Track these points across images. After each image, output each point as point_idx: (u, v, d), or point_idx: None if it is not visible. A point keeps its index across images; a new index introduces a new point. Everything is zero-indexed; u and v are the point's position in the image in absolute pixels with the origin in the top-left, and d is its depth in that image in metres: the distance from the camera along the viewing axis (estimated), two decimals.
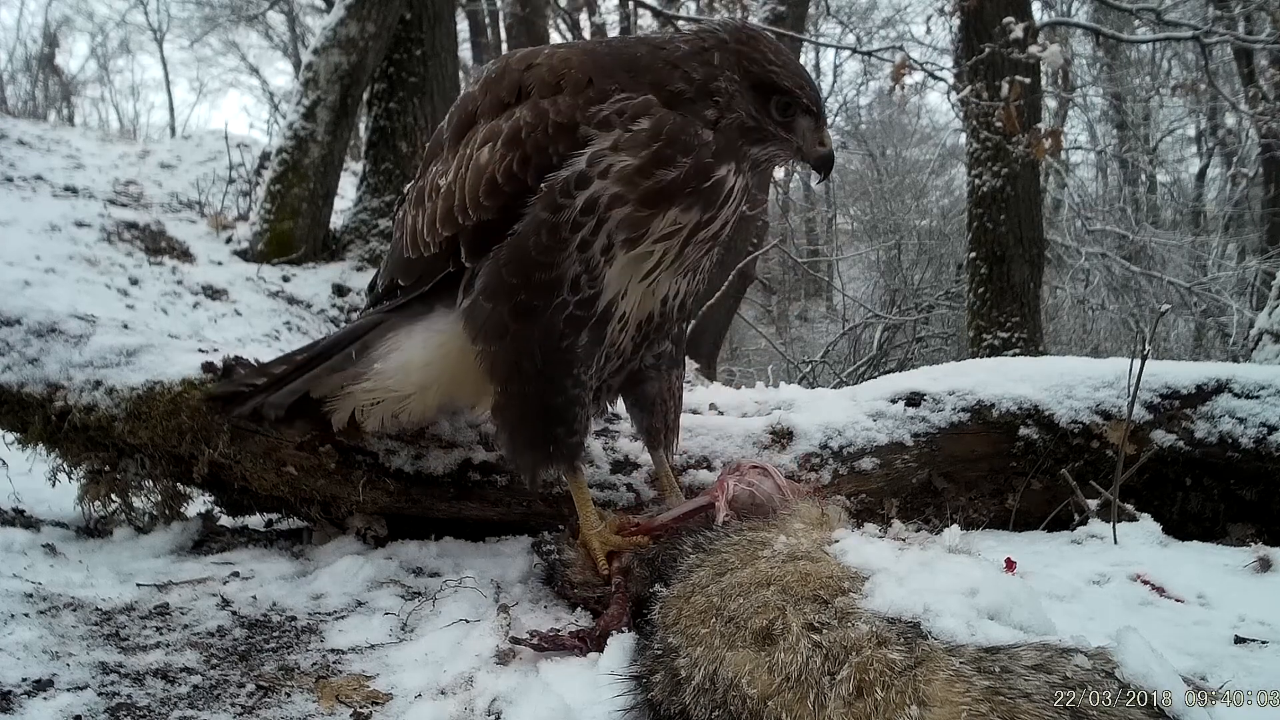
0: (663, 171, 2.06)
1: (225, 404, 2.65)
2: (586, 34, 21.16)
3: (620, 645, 1.90)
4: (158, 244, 9.23)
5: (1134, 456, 2.92)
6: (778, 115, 2.14)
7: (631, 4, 19.57)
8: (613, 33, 22.62)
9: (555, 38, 21.42)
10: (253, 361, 2.77)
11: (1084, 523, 2.86)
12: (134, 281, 8.03)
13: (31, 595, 2.17)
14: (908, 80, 9.63)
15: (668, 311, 2.38)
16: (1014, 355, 9.70)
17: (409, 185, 2.68)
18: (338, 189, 10.31)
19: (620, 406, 2.67)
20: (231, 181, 12.28)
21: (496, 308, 2.19)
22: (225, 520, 3.02)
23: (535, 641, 1.95)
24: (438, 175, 2.35)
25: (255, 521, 3.09)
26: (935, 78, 10.37)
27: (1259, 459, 2.90)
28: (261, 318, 8.39)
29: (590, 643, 1.95)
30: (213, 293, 8.56)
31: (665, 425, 2.56)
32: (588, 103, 2.10)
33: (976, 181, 11.36)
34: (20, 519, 2.81)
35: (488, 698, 1.77)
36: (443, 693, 1.81)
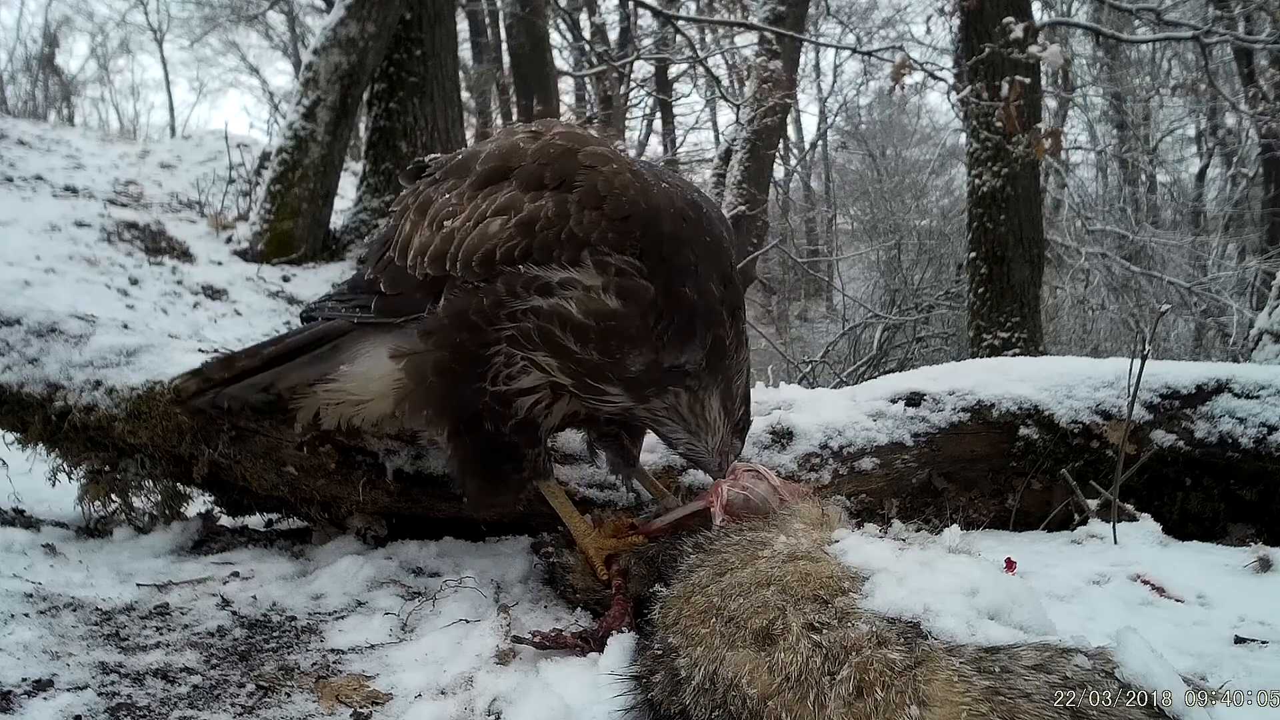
0: (581, 349, 2.09)
1: (191, 396, 2.63)
2: (586, 34, 21.15)
3: (620, 645, 1.90)
4: (158, 244, 9.23)
5: (1134, 456, 2.92)
6: (737, 418, 2.27)
7: (631, 4, 19.57)
8: (612, 34, 22.61)
9: (555, 38, 21.42)
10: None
11: (1084, 523, 2.86)
12: (134, 281, 8.03)
13: (31, 595, 2.17)
14: (908, 80, 9.63)
15: (593, 415, 2.40)
16: (1014, 355, 9.71)
17: (425, 161, 2.62)
18: (338, 189, 10.30)
19: None
20: (231, 181, 12.27)
21: (428, 353, 2.21)
22: (225, 520, 3.02)
23: (537, 640, 1.95)
24: (446, 209, 2.30)
25: (255, 521, 3.09)
26: (935, 78, 10.37)
27: (1259, 459, 2.90)
28: (261, 318, 8.39)
29: (591, 643, 1.95)
30: (213, 293, 8.56)
31: (633, 454, 2.57)
32: (608, 233, 2.08)
33: (976, 181, 11.35)
34: (20, 519, 2.81)
35: (488, 697, 1.77)
36: (443, 692, 1.81)
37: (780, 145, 19.33)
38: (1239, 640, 1.97)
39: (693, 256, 2.14)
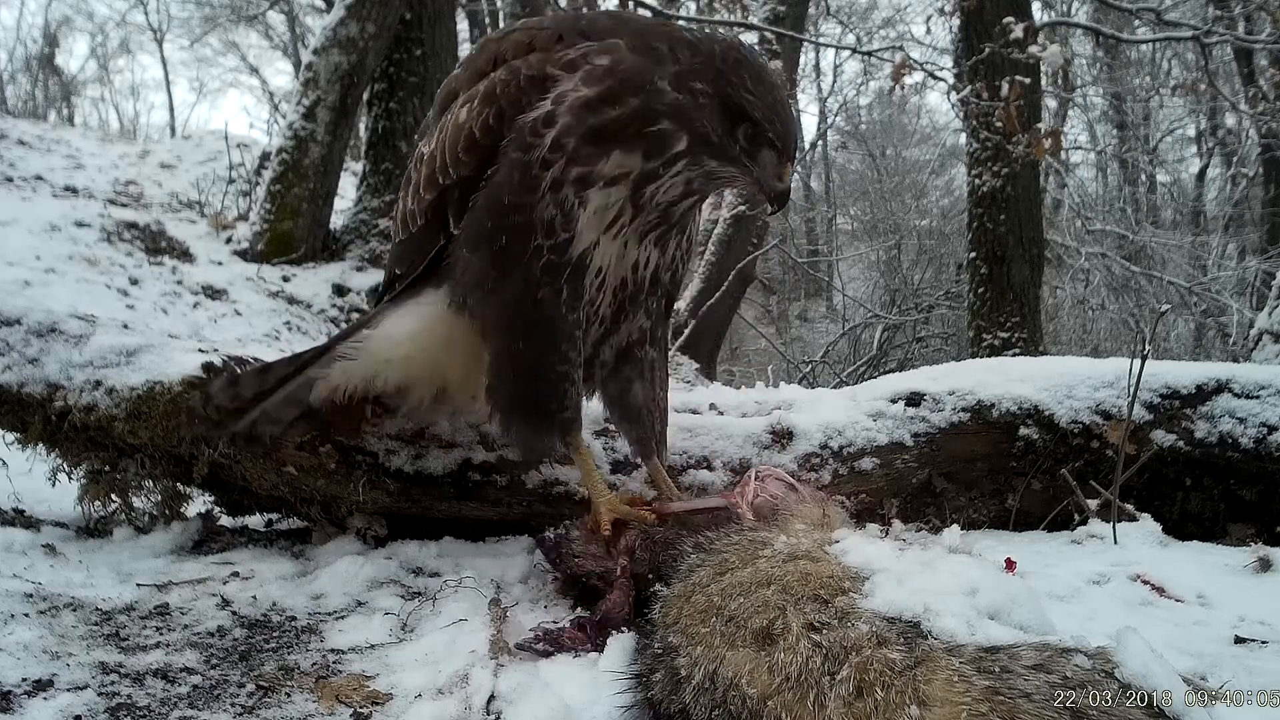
0: (609, 108, 2.10)
1: (215, 420, 2.57)
2: None
3: (620, 644, 1.90)
4: (158, 244, 9.23)
5: (1134, 456, 2.93)
6: (744, 142, 2.15)
7: (631, 4, 19.57)
8: None
9: None
10: (250, 360, 2.77)
11: (1084, 523, 2.86)
12: (134, 281, 8.03)
13: (31, 595, 2.17)
14: (908, 80, 9.63)
15: (640, 280, 2.40)
16: (1014, 355, 9.71)
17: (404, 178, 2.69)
18: (338, 189, 10.31)
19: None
20: (231, 181, 12.27)
21: (477, 257, 2.23)
22: (225, 520, 3.02)
23: (540, 646, 1.94)
24: (421, 148, 2.43)
25: (255, 521, 3.09)
26: (935, 78, 10.37)
27: (1259, 459, 2.90)
28: (261, 318, 8.39)
29: (591, 630, 1.95)
30: (213, 293, 8.56)
31: (654, 434, 2.57)
32: (558, 54, 2.18)
33: (976, 181, 11.36)
34: (20, 519, 2.81)
35: (488, 697, 1.77)
36: (442, 692, 1.81)
37: None
38: (1239, 640, 1.97)
39: (633, 25, 2.23)
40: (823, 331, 22.66)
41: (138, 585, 2.36)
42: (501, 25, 21.41)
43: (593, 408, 2.68)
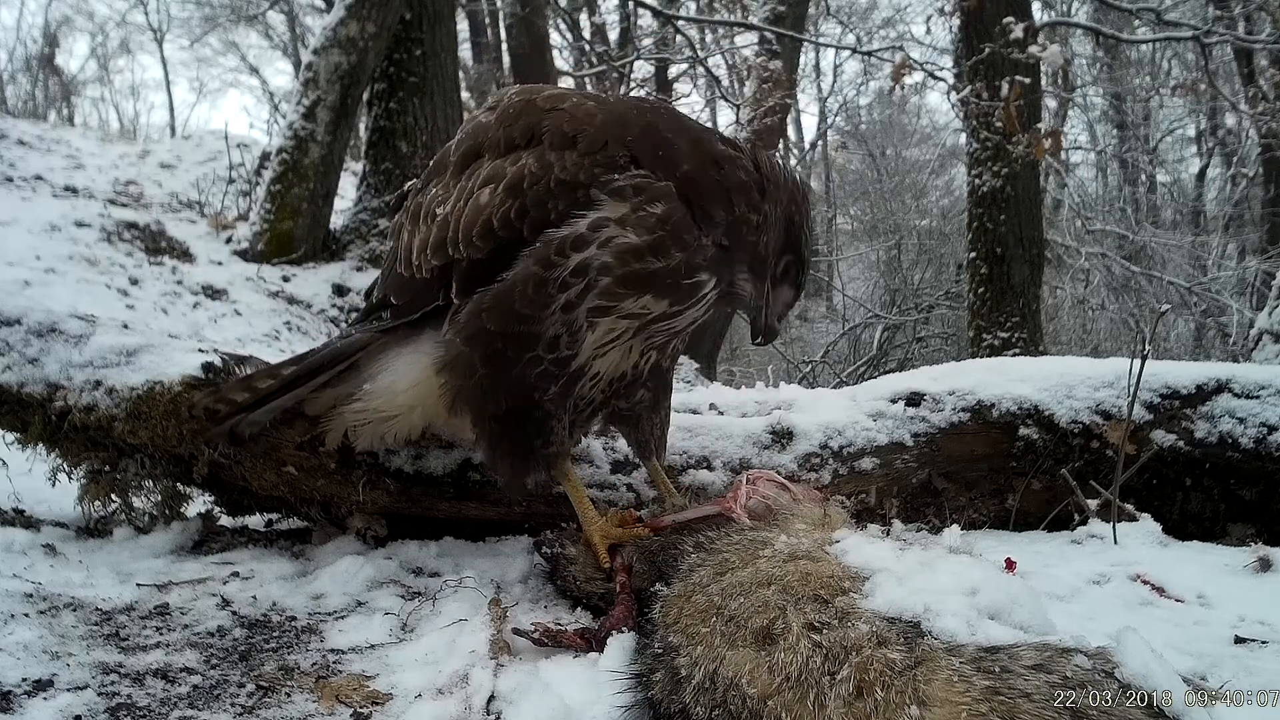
0: (654, 260, 2.10)
1: (209, 418, 2.59)
2: (586, 34, 21.16)
3: (620, 644, 1.90)
4: (158, 244, 9.22)
5: (1134, 456, 2.93)
6: (776, 270, 2.25)
7: (631, 4, 19.56)
8: (612, 34, 22.60)
9: (555, 38, 21.42)
10: (248, 359, 2.77)
11: (1084, 523, 2.86)
12: (134, 281, 8.03)
13: (31, 595, 2.17)
14: (908, 80, 9.64)
15: (639, 373, 2.42)
16: (1014, 355, 9.70)
17: (409, 183, 2.68)
18: (338, 189, 10.30)
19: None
20: (231, 181, 12.27)
21: (470, 350, 2.21)
22: (225, 520, 3.02)
23: (536, 635, 1.95)
24: (436, 201, 2.34)
25: (255, 521, 3.09)
26: (935, 78, 10.38)
27: (1259, 459, 2.90)
28: (261, 318, 8.39)
29: (594, 643, 1.95)
30: (213, 293, 8.56)
31: (653, 437, 2.58)
32: (596, 165, 2.11)
33: (976, 181, 11.36)
34: (20, 519, 2.81)
35: (488, 697, 1.77)
36: (442, 692, 1.81)
37: (780, 145, 19.32)
38: (1239, 640, 1.97)
39: (681, 144, 2.18)
40: (823, 331, 22.65)
41: (138, 585, 2.36)
42: (502, 25, 21.42)
43: None
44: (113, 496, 2.78)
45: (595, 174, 2.11)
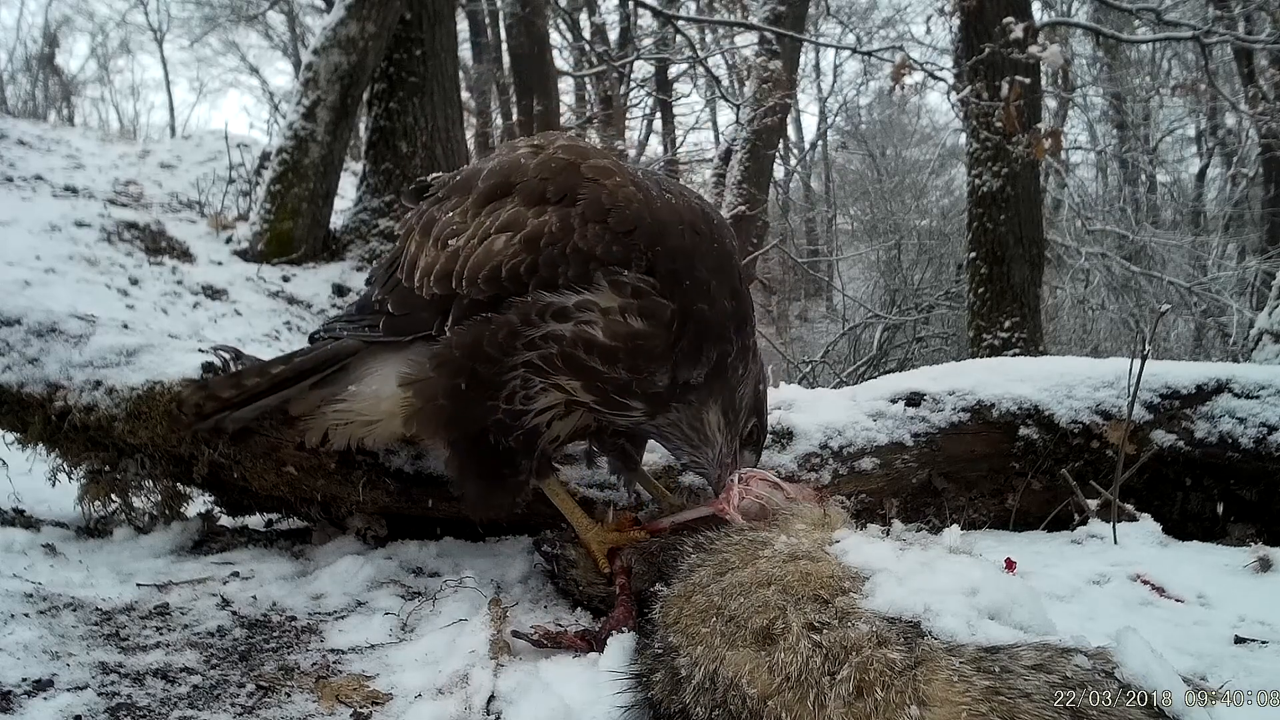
0: (599, 363, 2.11)
1: (195, 414, 2.60)
2: (586, 34, 21.16)
3: (620, 644, 1.90)
4: (158, 244, 9.22)
5: (1134, 456, 2.92)
6: (743, 433, 2.27)
7: (632, 4, 19.56)
8: (612, 34, 22.60)
9: (555, 38, 21.41)
10: (235, 350, 2.77)
11: (1084, 523, 2.86)
12: (134, 281, 8.03)
13: (31, 595, 2.17)
14: (908, 80, 9.64)
15: (603, 429, 2.43)
16: (1014, 355, 9.70)
17: (433, 175, 2.64)
18: (338, 189, 10.30)
19: None
20: (231, 181, 12.27)
21: (436, 378, 2.22)
22: (225, 520, 3.02)
23: (536, 637, 1.95)
24: (451, 228, 2.31)
25: (255, 521, 3.09)
26: (935, 78, 10.38)
27: (1259, 459, 2.90)
28: (261, 318, 8.39)
29: (594, 643, 1.95)
30: (213, 293, 8.56)
31: (629, 455, 2.57)
32: (614, 245, 2.09)
33: (976, 181, 11.35)
34: (20, 519, 2.81)
35: (488, 697, 1.77)
36: (442, 692, 1.81)
37: (780, 145, 19.32)
38: (1239, 640, 1.97)
39: (703, 270, 2.15)
40: (823, 331, 22.65)
41: (138, 585, 2.36)
42: (502, 25, 21.41)
43: None
44: (113, 496, 2.78)
45: (611, 255, 2.09)
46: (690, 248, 2.15)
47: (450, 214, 2.35)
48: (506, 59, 21.12)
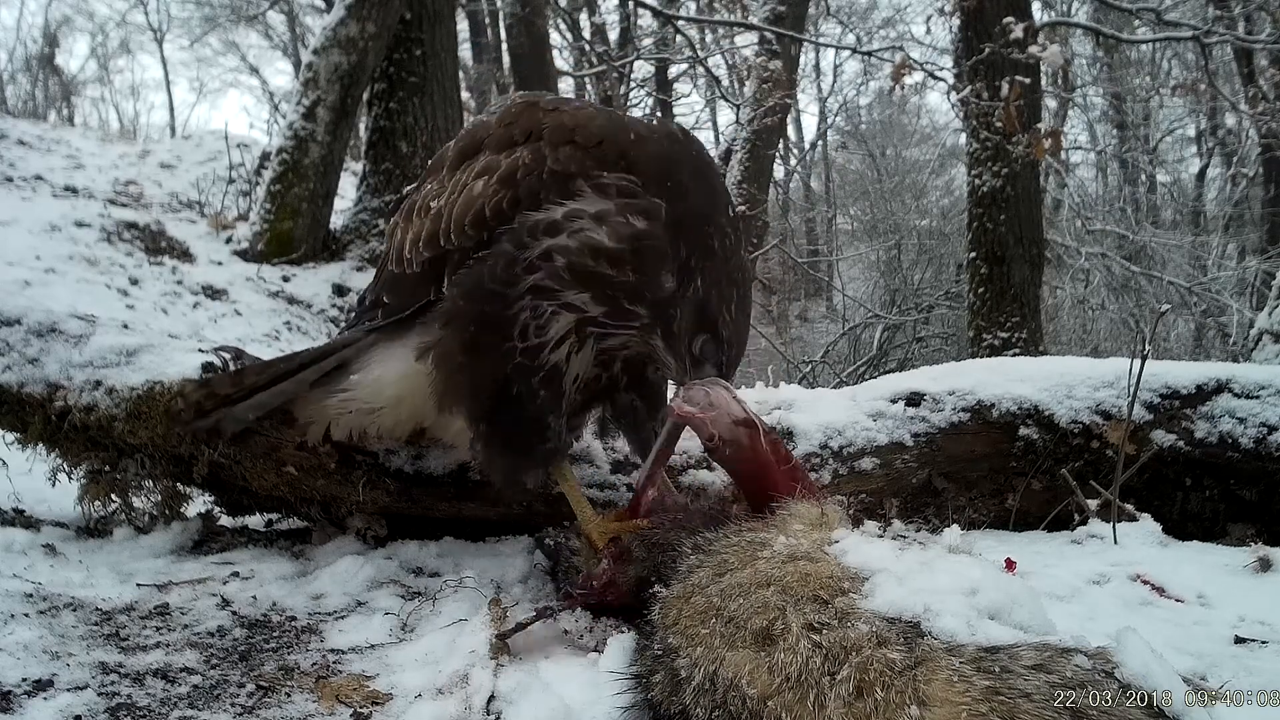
0: (610, 267, 2.10)
1: (195, 413, 2.60)
2: (586, 34, 21.16)
3: (620, 645, 1.90)
4: (158, 244, 9.22)
5: (1134, 456, 2.92)
6: (697, 350, 2.20)
7: (632, 4, 19.57)
8: (612, 34, 22.60)
9: (555, 38, 21.42)
10: (243, 351, 2.78)
11: (1084, 523, 2.86)
12: (134, 281, 8.03)
13: (31, 595, 2.17)
14: (908, 80, 9.64)
15: (614, 378, 2.42)
16: (1014, 355, 9.70)
17: (407, 189, 2.69)
18: (338, 189, 10.30)
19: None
20: (231, 181, 12.27)
21: (448, 336, 2.22)
22: (225, 520, 3.02)
23: (528, 619, 1.95)
24: (430, 195, 2.36)
25: (255, 521, 3.09)
26: (935, 78, 10.38)
27: (1259, 459, 2.90)
28: (261, 318, 8.39)
29: (578, 600, 2.02)
30: (213, 293, 8.56)
31: (645, 438, 2.56)
32: (589, 159, 2.12)
33: (976, 181, 11.35)
34: (20, 519, 2.81)
35: (488, 697, 1.77)
36: (442, 692, 1.81)
37: (780, 145, 19.33)
38: (1239, 640, 1.97)
39: (683, 174, 2.17)
40: (823, 331, 22.64)
41: (138, 585, 2.36)
42: (502, 25, 21.41)
43: None
44: (113, 496, 2.78)
45: (586, 166, 2.12)
46: (667, 152, 2.18)
47: (428, 187, 2.40)
48: (506, 59, 21.12)
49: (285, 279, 9.30)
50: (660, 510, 2.23)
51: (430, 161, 2.54)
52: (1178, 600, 2.24)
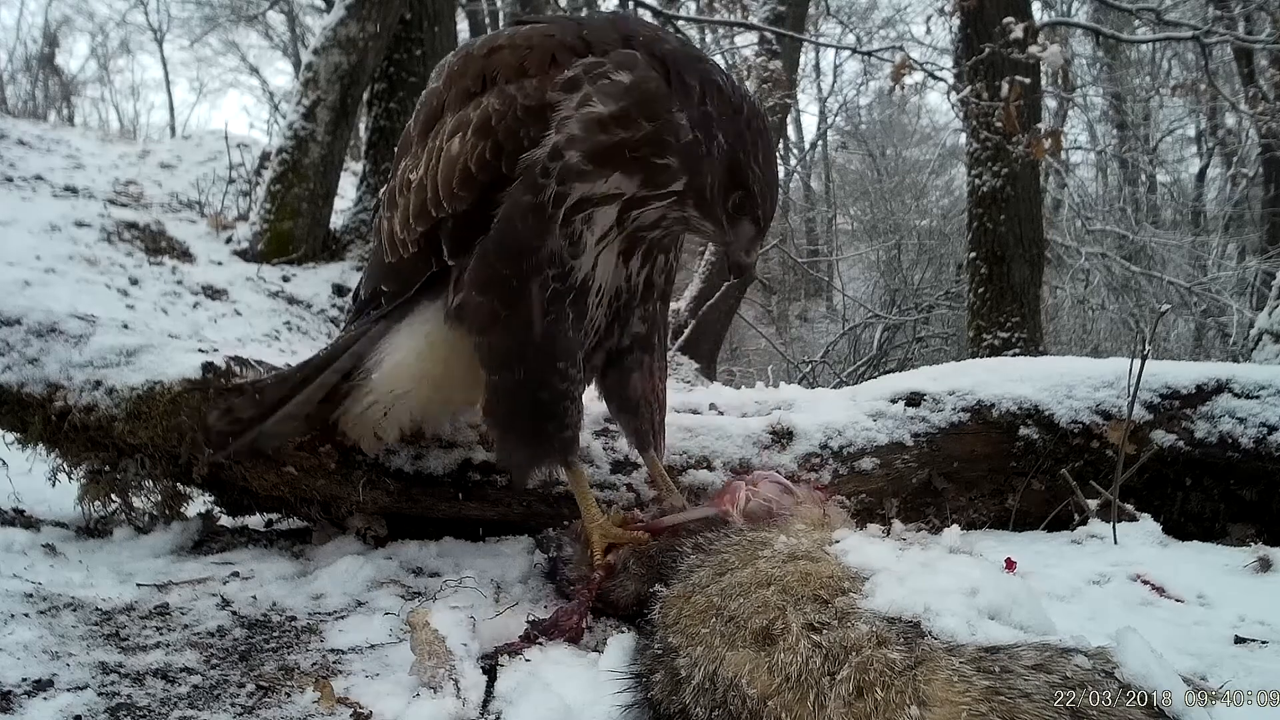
0: (620, 130, 2.04)
1: (221, 438, 2.57)
2: None
3: (620, 645, 1.90)
4: (158, 244, 9.22)
5: (1134, 456, 2.92)
6: (730, 208, 2.17)
7: (631, 4, 19.56)
8: None
9: None
10: (251, 361, 2.77)
11: (1084, 523, 2.86)
12: (134, 281, 8.02)
13: (31, 595, 2.17)
14: (908, 80, 9.64)
15: (634, 288, 2.39)
16: (1014, 355, 9.71)
17: (383, 189, 2.68)
18: (338, 189, 10.30)
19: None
20: (231, 181, 12.26)
21: (487, 299, 2.19)
22: (225, 520, 3.02)
23: (508, 647, 1.95)
24: (407, 170, 2.33)
25: (255, 521, 3.09)
26: (935, 78, 10.38)
27: (1259, 459, 2.90)
28: (261, 318, 8.38)
29: (540, 635, 1.99)
30: (213, 293, 8.55)
31: (652, 427, 2.57)
32: (556, 77, 2.09)
33: (976, 181, 11.36)
34: (20, 519, 2.81)
35: (487, 697, 1.77)
36: (442, 692, 1.81)
37: (780, 145, 19.32)
38: (1239, 640, 1.97)
39: (645, 32, 2.15)
40: (823, 331, 22.65)
41: (138, 585, 2.36)
42: (501, 25, 21.41)
43: (591, 409, 2.68)
44: (113, 496, 2.78)
45: (552, 83, 2.08)
46: (623, 26, 2.16)
47: (402, 166, 2.38)
48: None
49: (285, 279, 9.30)
50: (664, 517, 2.24)
51: (397, 149, 2.51)
52: (1178, 600, 2.24)
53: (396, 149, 2.51)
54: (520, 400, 2.26)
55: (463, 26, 20.43)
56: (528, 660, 1.93)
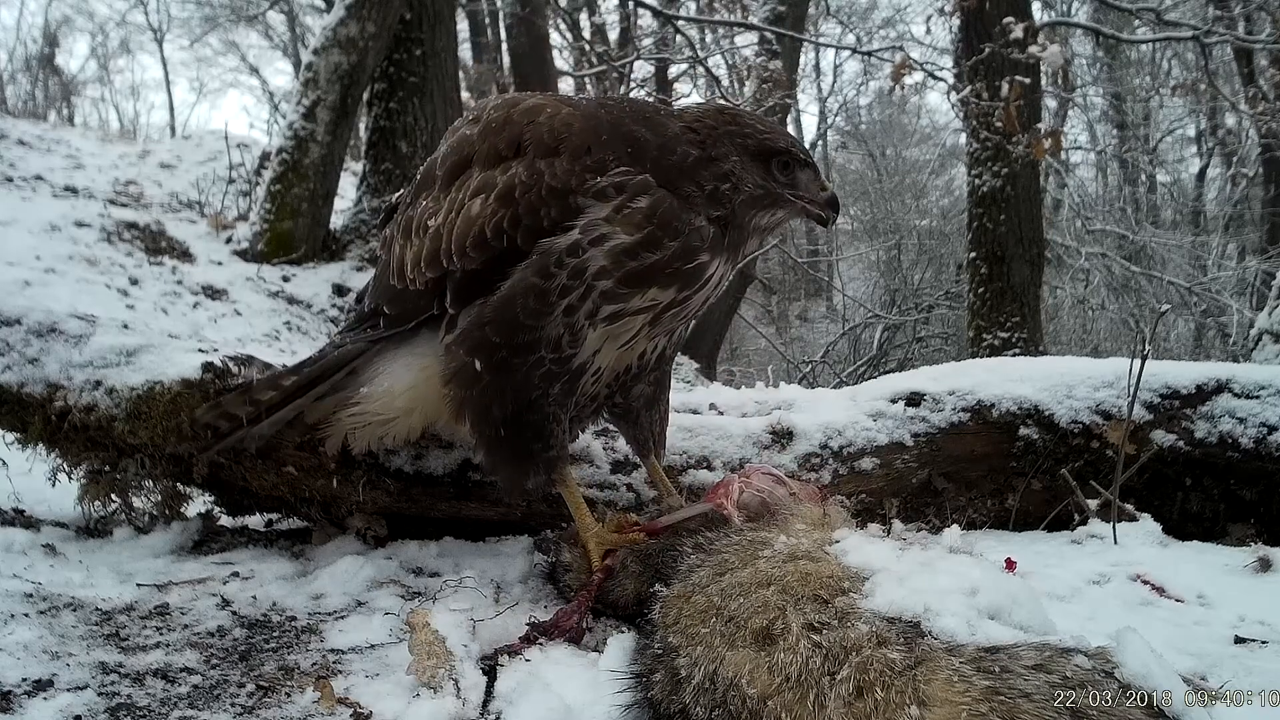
0: (649, 254, 2.11)
1: (213, 436, 2.60)
2: (586, 34, 21.17)
3: (620, 644, 1.90)
4: (158, 244, 9.22)
5: (1134, 456, 2.92)
6: (780, 176, 2.23)
7: (631, 4, 19.57)
8: (612, 34, 22.61)
9: (555, 38, 21.43)
10: (250, 358, 2.77)
11: (1084, 523, 2.86)
12: (134, 281, 8.02)
13: (31, 595, 2.17)
14: (908, 80, 9.64)
15: (645, 364, 2.43)
16: (1014, 355, 9.70)
17: (396, 194, 2.68)
18: (338, 189, 10.30)
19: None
20: (231, 181, 12.26)
21: (472, 361, 2.22)
22: (225, 520, 3.02)
23: (510, 647, 1.95)
24: (427, 214, 2.35)
25: (255, 521, 3.09)
26: (935, 78, 10.38)
27: (1259, 459, 2.90)
28: (261, 318, 8.38)
29: (541, 636, 2.00)
30: (213, 293, 8.55)
31: (652, 434, 2.59)
32: (584, 170, 2.13)
33: (976, 181, 11.36)
34: (20, 519, 2.81)
35: (487, 697, 1.77)
36: (442, 692, 1.81)
37: None
38: (1239, 640, 1.97)
39: (643, 133, 2.19)
40: (823, 331, 22.66)
41: (138, 585, 2.36)
42: (502, 25, 21.42)
43: None
44: (113, 496, 2.78)
45: (584, 178, 2.12)
46: (620, 120, 2.20)
47: (423, 204, 2.40)
48: (506, 59, 21.12)
49: (285, 279, 9.29)
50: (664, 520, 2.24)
51: (418, 175, 2.52)
52: (1178, 600, 2.24)
53: (420, 174, 2.50)
54: (504, 431, 2.29)
55: (463, 26, 20.47)
56: (528, 660, 1.94)
